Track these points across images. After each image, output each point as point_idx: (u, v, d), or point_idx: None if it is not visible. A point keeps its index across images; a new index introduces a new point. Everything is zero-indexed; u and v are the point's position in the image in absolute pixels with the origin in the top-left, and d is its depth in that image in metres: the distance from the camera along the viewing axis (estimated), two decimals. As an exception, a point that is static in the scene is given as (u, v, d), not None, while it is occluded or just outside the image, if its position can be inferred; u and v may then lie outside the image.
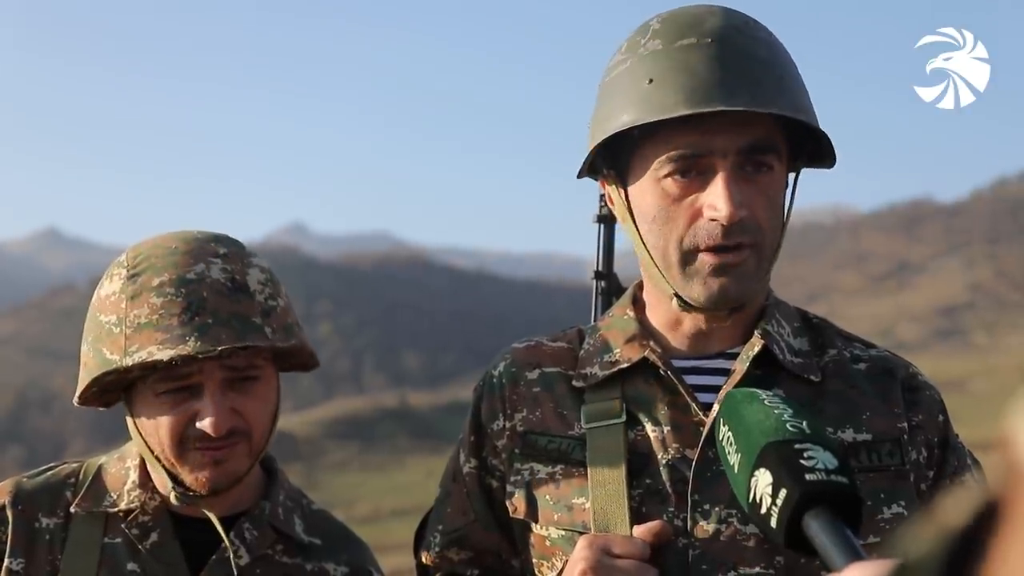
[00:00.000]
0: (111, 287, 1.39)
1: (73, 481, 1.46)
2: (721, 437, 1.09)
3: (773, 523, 0.96)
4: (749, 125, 1.19)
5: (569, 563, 1.20)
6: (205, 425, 1.35)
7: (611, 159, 1.29)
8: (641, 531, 1.19)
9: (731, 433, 1.06)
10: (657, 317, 1.33)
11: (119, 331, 1.35)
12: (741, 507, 1.05)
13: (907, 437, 1.25)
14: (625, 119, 1.22)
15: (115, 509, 1.42)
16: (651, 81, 1.20)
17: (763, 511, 0.98)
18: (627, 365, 1.29)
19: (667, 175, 1.22)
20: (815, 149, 1.28)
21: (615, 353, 1.32)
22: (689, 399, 1.25)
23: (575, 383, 1.32)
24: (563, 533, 1.27)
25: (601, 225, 1.79)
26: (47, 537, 1.41)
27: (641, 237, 1.27)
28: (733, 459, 1.04)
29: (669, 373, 1.26)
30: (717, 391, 1.24)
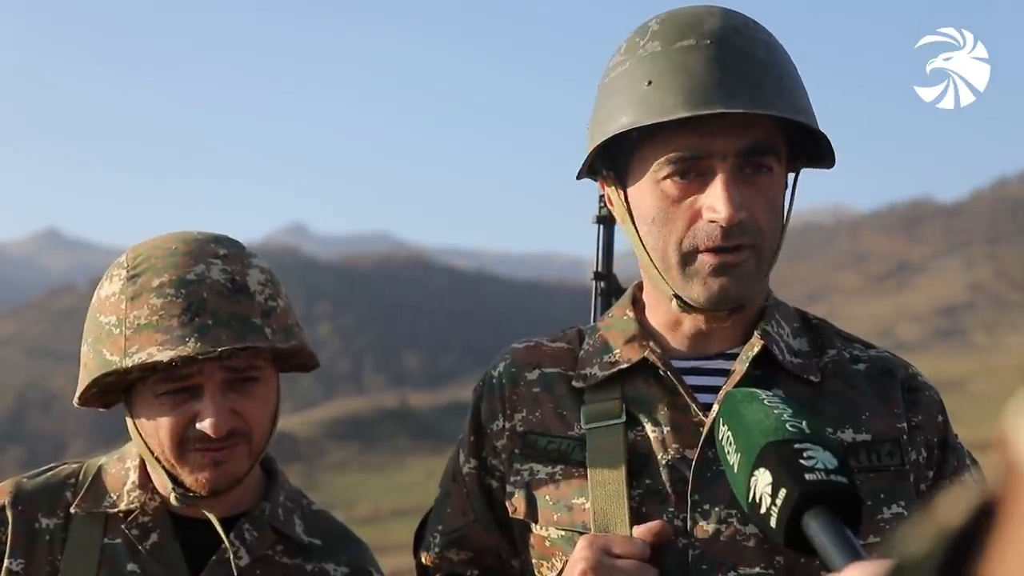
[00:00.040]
0: (111, 288, 1.39)
1: (73, 482, 1.46)
2: (721, 437, 1.09)
3: (773, 523, 0.96)
4: (748, 127, 1.19)
5: (569, 563, 1.20)
6: (205, 426, 1.35)
7: (610, 160, 1.29)
8: (641, 531, 1.19)
9: (731, 433, 1.06)
10: (657, 318, 1.33)
11: (119, 332, 1.35)
12: (741, 507, 1.05)
13: (907, 437, 1.25)
14: (624, 121, 1.22)
15: (115, 510, 1.42)
16: (650, 83, 1.20)
17: (763, 511, 0.98)
18: (627, 365, 1.29)
19: (666, 177, 1.22)
20: (815, 150, 1.28)
21: (615, 353, 1.32)
22: (689, 399, 1.25)
23: (575, 383, 1.32)
24: (563, 533, 1.27)
25: (600, 226, 1.79)
26: (47, 537, 1.41)
27: (640, 238, 1.27)
28: (733, 459, 1.04)
29: (669, 373, 1.26)
30: (717, 391, 1.24)
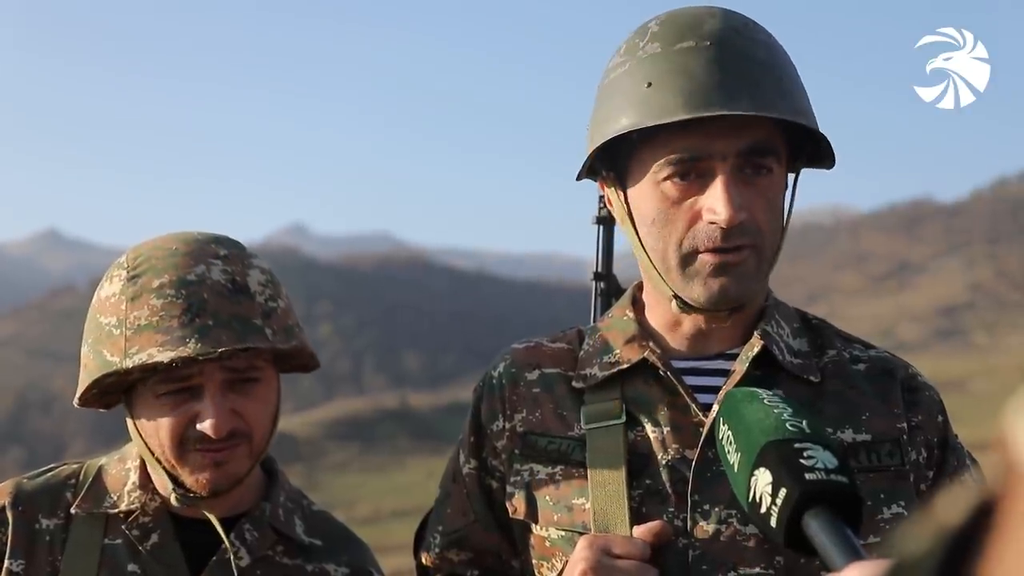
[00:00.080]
0: (111, 289, 1.39)
1: (73, 482, 1.46)
2: (721, 436, 1.09)
3: (773, 522, 0.96)
4: (748, 128, 1.19)
5: (569, 563, 1.20)
6: (205, 427, 1.35)
7: (610, 161, 1.29)
8: (641, 531, 1.19)
9: (731, 432, 1.06)
10: (656, 318, 1.33)
11: (119, 333, 1.35)
12: (741, 507, 1.05)
13: (907, 437, 1.25)
14: (624, 122, 1.22)
15: (115, 510, 1.42)
16: (650, 84, 1.20)
17: (763, 510, 0.98)
18: (627, 366, 1.29)
19: (666, 178, 1.21)
20: (814, 150, 1.28)
21: (615, 354, 1.32)
22: (689, 400, 1.25)
23: (575, 384, 1.32)
24: (563, 534, 1.27)
25: (600, 226, 1.79)
26: (47, 538, 1.41)
27: (640, 239, 1.27)
28: (733, 458, 1.04)
29: (669, 374, 1.26)
30: (717, 392, 1.24)
